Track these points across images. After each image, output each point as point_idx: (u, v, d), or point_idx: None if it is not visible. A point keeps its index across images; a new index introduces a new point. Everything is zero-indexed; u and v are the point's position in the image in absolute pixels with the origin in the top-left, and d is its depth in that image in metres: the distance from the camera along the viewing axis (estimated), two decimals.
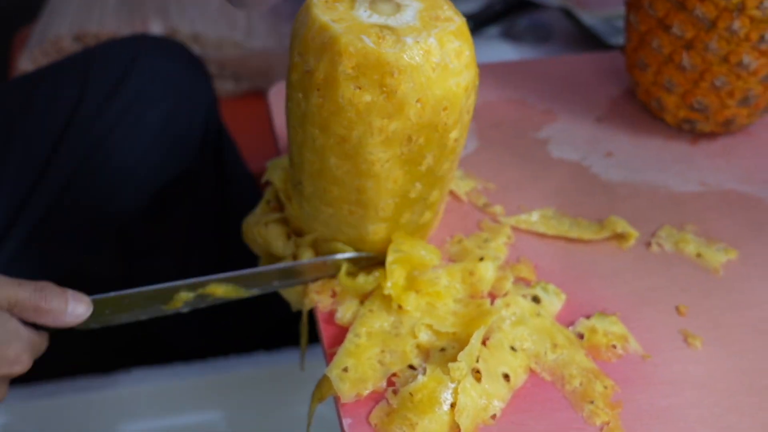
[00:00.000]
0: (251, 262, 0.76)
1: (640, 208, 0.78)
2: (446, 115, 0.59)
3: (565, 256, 0.73)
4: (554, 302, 0.68)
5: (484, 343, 0.63)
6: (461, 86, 0.59)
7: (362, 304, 0.66)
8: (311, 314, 0.69)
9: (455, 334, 0.64)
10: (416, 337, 0.64)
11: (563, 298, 0.69)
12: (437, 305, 0.66)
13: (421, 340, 0.64)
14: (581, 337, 0.66)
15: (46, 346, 0.61)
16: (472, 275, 0.68)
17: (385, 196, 0.63)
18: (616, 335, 0.66)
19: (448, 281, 0.67)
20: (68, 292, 0.59)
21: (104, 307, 0.61)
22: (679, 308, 0.69)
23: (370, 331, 0.64)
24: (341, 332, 0.65)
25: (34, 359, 0.60)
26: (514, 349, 0.64)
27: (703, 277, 0.72)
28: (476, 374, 0.60)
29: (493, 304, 0.66)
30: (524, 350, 0.64)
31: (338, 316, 0.66)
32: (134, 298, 0.63)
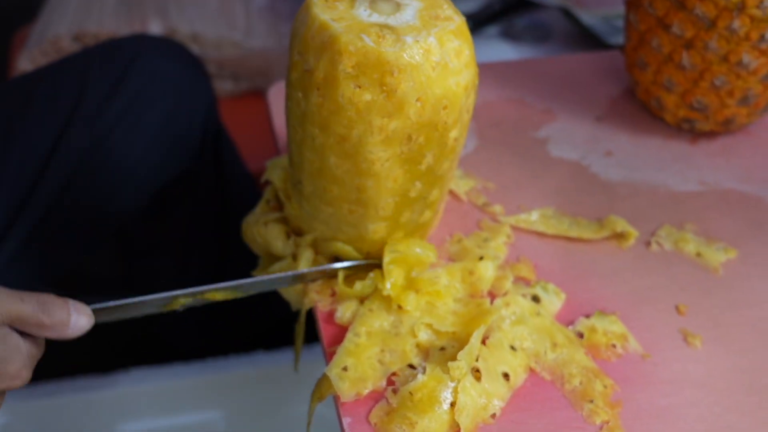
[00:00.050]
0: (251, 261, 0.76)
1: (639, 207, 0.78)
2: (446, 114, 0.59)
3: (564, 255, 0.73)
4: (554, 301, 0.68)
5: (483, 342, 0.63)
6: (461, 85, 0.59)
7: (362, 303, 0.66)
8: (311, 314, 0.69)
9: (455, 333, 0.64)
10: (416, 336, 0.64)
11: (563, 297, 0.69)
12: (437, 304, 0.66)
13: (420, 339, 0.64)
14: (581, 336, 0.66)
15: (43, 351, 0.61)
16: (471, 274, 0.68)
17: (385, 195, 0.62)
18: (615, 334, 0.66)
19: (447, 280, 0.67)
20: (70, 304, 0.58)
21: (105, 314, 0.61)
22: (678, 307, 0.69)
23: (369, 330, 0.64)
24: (341, 331, 0.65)
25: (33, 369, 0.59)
26: (513, 348, 0.64)
27: (702, 276, 0.72)
28: (476, 373, 0.60)
29: (492, 303, 0.66)
30: (524, 349, 0.64)
31: (338, 315, 0.66)
32: (134, 305, 0.62)
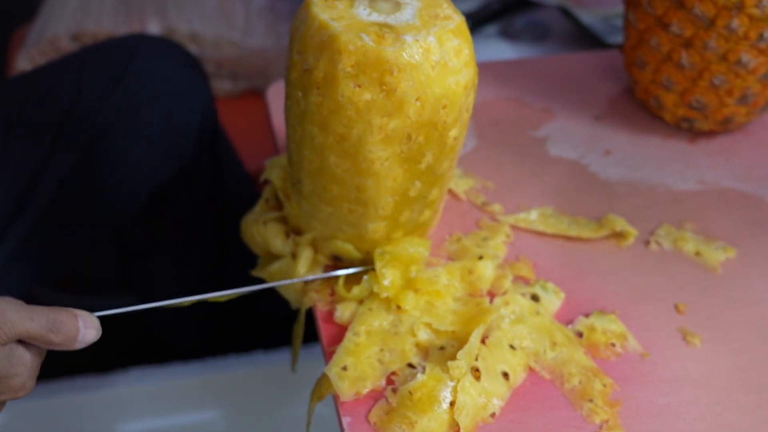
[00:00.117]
0: (249, 261, 0.75)
1: (638, 206, 0.78)
2: (446, 113, 0.59)
3: (564, 254, 0.73)
4: (553, 301, 0.68)
5: (483, 341, 0.63)
6: (460, 84, 0.59)
7: (361, 303, 0.66)
8: (310, 313, 0.69)
9: (454, 332, 0.64)
10: (415, 335, 0.64)
11: (562, 296, 0.69)
12: (436, 304, 0.66)
13: (420, 338, 0.64)
14: (580, 335, 0.66)
15: (44, 356, 0.61)
16: (471, 274, 0.68)
17: (384, 194, 0.62)
18: (615, 333, 0.66)
19: (447, 280, 0.67)
20: (79, 319, 0.58)
21: (109, 320, 0.61)
22: (678, 306, 0.69)
23: (369, 329, 0.64)
24: (340, 331, 0.65)
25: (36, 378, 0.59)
26: (513, 347, 0.64)
27: (701, 275, 0.72)
28: (475, 373, 0.60)
29: (492, 302, 0.66)
30: (523, 348, 0.64)
31: (337, 314, 0.66)
32: (139, 311, 0.62)
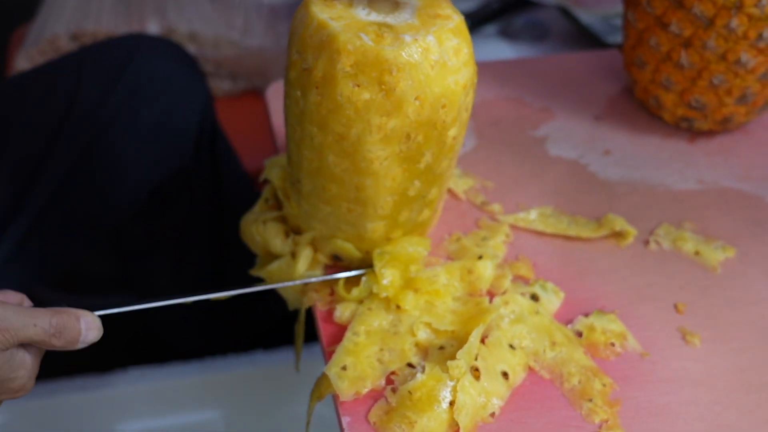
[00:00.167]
0: (247, 260, 0.75)
1: (638, 206, 0.78)
2: (445, 112, 0.59)
3: (563, 254, 0.73)
4: (553, 300, 0.68)
5: (482, 341, 0.63)
6: (460, 84, 0.59)
7: (361, 302, 0.66)
8: (310, 313, 0.69)
9: (454, 332, 0.64)
10: (415, 335, 0.64)
11: (562, 296, 0.69)
12: (436, 303, 0.66)
13: (419, 338, 0.64)
14: (580, 335, 0.66)
15: (43, 355, 0.61)
16: (470, 273, 0.68)
17: (383, 193, 0.62)
18: (614, 333, 0.66)
19: (446, 279, 0.67)
20: (82, 320, 0.58)
21: (109, 320, 0.61)
22: (677, 306, 0.69)
23: (368, 329, 0.64)
24: (340, 331, 0.65)
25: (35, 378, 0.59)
26: (512, 347, 0.64)
27: (701, 274, 0.72)
28: (475, 372, 0.60)
29: (491, 302, 0.66)
30: (523, 348, 0.64)
31: (337, 314, 0.66)
32: (139, 310, 0.62)
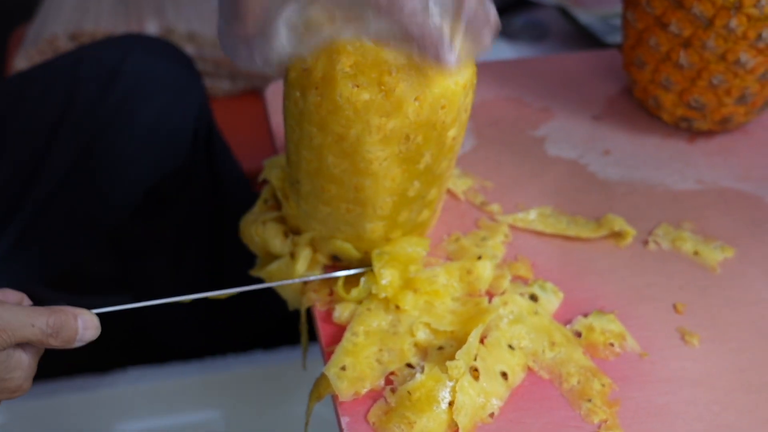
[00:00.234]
0: (245, 260, 0.75)
1: (637, 206, 0.78)
2: (444, 113, 0.59)
3: (562, 254, 0.73)
4: (552, 300, 0.68)
5: (482, 341, 0.63)
6: (459, 84, 0.59)
7: (360, 303, 0.66)
8: (309, 313, 0.69)
9: (453, 332, 0.64)
10: (414, 335, 0.64)
11: (561, 296, 0.69)
12: (435, 304, 0.66)
13: (419, 338, 0.64)
14: (579, 335, 0.66)
15: (42, 354, 0.61)
16: (469, 274, 0.68)
17: (383, 194, 0.62)
18: (613, 333, 0.66)
19: (446, 280, 0.67)
20: (79, 319, 0.57)
21: (109, 320, 0.61)
22: (676, 306, 0.69)
23: (368, 329, 0.64)
24: (339, 331, 0.65)
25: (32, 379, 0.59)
26: (511, 347, 0.64)
27: (700, 274, 0.72)
28: (474, 373, 0.60)
29: (490, 302, 0.66)
30: (522, 348, 0.64)
31: (336, 314, 0.66)
32: (138, 308, 0.62)
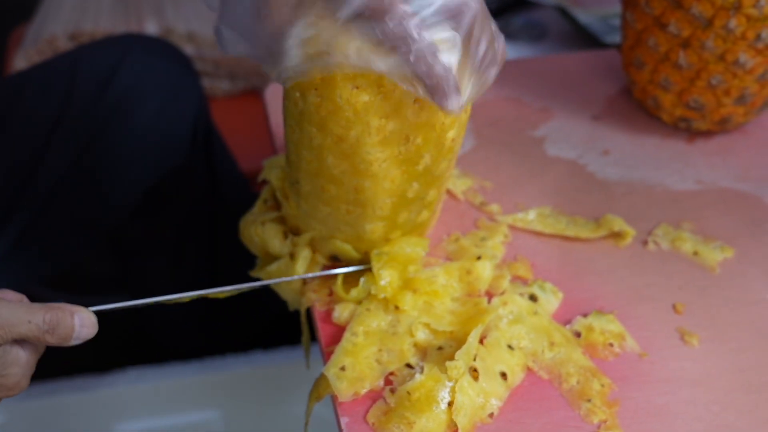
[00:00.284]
0: (244, 260, 0.75)
1: (636, 206, 0.78)
2: (444, 114, 0.59)
3: (562, 254, 0.73)
4: (551, 300, 0.68)
5: (481, 341, 0.63)
6: None
7: (360, 303, 0.66)
8: (308, 313, 0.69)
9: (452, 332, 0.64)
10: (413, 335, 0.64)
11: (560, 296, 0.69)
12: (434, 304, 0.66)
13: (418, 338, 0.64)
14: (578, 335, 0.66)
15: (42, 353, 0.61)
16: (469, 274, 0.68)
17: (382, 195, 0.62)
18: (613, 333, 0.66)
19: (445, 280, 0.67)
20: (76, 317, 0.57)
21: (108, 320, 0.61)
22: (675, 306, 0.69)
23: (367, 330, 0.64)
24: (338, 331, 0.65)
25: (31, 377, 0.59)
26: (511, 347, 0.64)
27: (699, 274, 0.72)
28: (473, 373, 0.60)
29: (490, 302, 0.66)
30: (521, 349, 0.64)
31: (335, 315, 0.66)
32: (136, 306, 0.62)
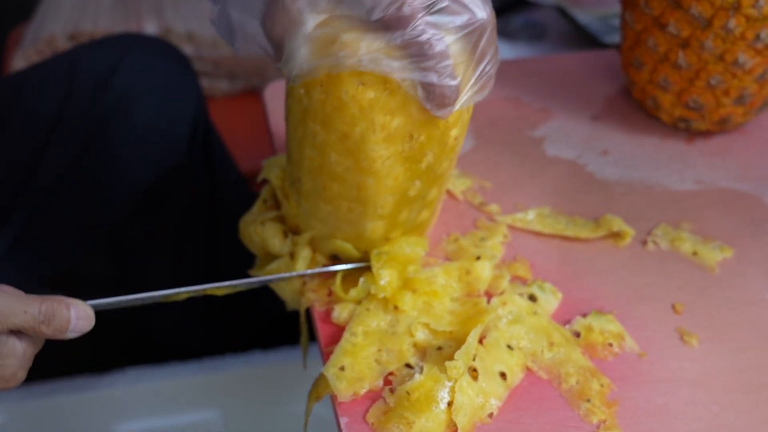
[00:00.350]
0: (242, 260, 0.75)
1: (636, 206, 0.78)
2: None
3: (561, 254, 0.73)
4: (551, 300, 0.68)
5: (480, 341, 0.63)
6: None
7: (359, 303, 0.66)
8: (307, 313, 0.69)
9: (452, 332, 0.64)
10: (413, 335, 0.64)
11: (560, 296, 0.69)
12: (434, 304, 0.66)
13: (417, 338, 0.64)
14: (578, 335, 0.66)
15: (41, 347, 0.60)
16: (468, 274, 0.68)
17: (384, 193, 0.62)
18: (612, 333, 0.66)
19: (444, 280, 0.67)
20: (72, 309, 0.57)
21: (104, 311, 0.61)
22: (675, 306, 0.69)
23: (366, 330, 0.64)
24: (338, 331, 0.65)
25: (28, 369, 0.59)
26: (510, 347, 0.64)
27: (699, 274, 0.72)
28: (473, 373, 0.60)
29: (489, 302, 0.66)
30: (521, 349, 0.64)
31: (335, 315, 0.66)
32: (135, 302, 0.62)
